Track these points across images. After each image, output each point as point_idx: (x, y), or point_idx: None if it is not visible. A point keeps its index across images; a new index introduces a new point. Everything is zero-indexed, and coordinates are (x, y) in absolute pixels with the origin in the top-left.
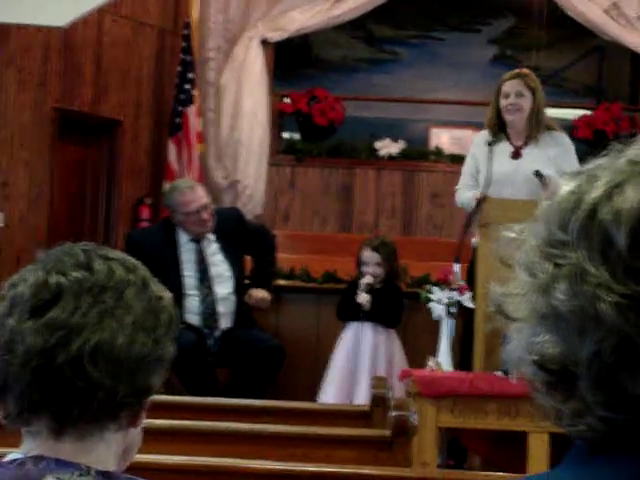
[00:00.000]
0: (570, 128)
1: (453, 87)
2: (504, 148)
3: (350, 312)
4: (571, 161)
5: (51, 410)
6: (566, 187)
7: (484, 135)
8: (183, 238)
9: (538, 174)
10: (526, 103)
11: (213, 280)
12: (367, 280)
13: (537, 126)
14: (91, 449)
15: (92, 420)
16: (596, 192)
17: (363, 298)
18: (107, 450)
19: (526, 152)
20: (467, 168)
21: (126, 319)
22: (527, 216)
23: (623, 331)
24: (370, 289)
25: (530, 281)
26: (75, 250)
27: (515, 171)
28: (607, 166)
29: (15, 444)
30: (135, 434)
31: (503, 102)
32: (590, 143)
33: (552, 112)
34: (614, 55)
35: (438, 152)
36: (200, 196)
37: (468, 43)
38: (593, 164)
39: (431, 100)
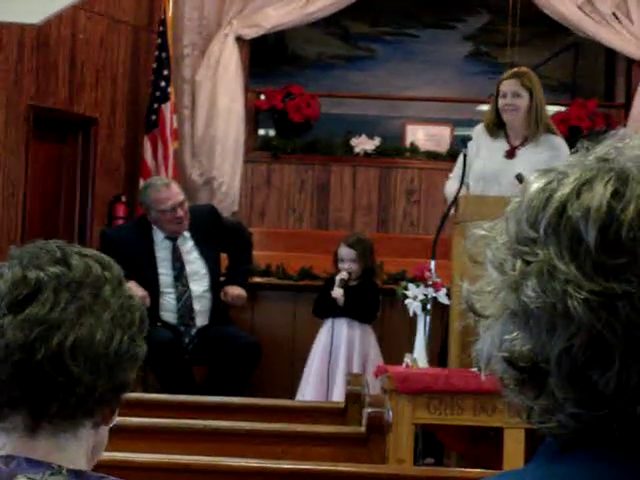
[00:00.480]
0: None
1: (428, 84)
2: (500, 146)
3: (326, 308)
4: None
5: (30, 405)
6: (535, 184)
7: (476, 130)
8: (158, 236)
9: (519, 177)
10: (523, 103)
11: (189, 278)
12: (341, 276)
13: (536, 126)
14: (64, 447)
15: (69, 416)
16: (565, 189)
17: (337, 293)
18: (80, 448)
19: (521, 152)
20: (458, 161)
21: (104, 316)
22: (502, 213)
23: (593, 328)
24: (346, 285)
25: (500, 278)
26: (50, 246)
27: (504, 170)
28: (576, 163)
29: None
30: (104, 432)
31: (501, 102)
32: (565, 139)
33: None
34: (589, 52)
35: (414, 149)
36: (175, 193)
37: (443, 40)
38: (562, 162)
39: (406, 97)
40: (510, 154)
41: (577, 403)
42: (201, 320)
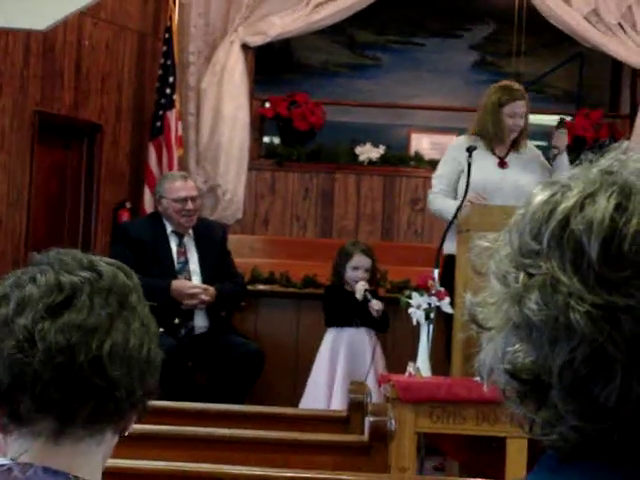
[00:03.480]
0: (550, 134)
1: (434, 93)
2: (487, 158)
3: (345, 318)
4: (546, 165)
5: (61, 410)
6: (539, 197)
7: (465, 140)
8: (168, 229)
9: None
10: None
11: (191, 273)
12: (363, 286)
13: (524, 139)
14: (87, 452)
15: (98, 421)
16: (568, 202)
17: (378, 304)
18: (99, 454)
19: (510, 161)
20: (445, 172)
21: (133, 323)
22: (506, 222)
23: (595, 340)
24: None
25: (503, 290)
26: (74, 253)
27: (503, 180)
28: (579, 176)
29: None
30: (114, 440)
31: (510, 121)
32: (569, 149)
33: (533, 118)
34: (594, 62)
35: (418, 157)
36: (190, 187)
37: (449, 49)
38: (566, 174)
39: (412, 105)
40: (502, 164)
41: (579, 416)
42: (199, 320)
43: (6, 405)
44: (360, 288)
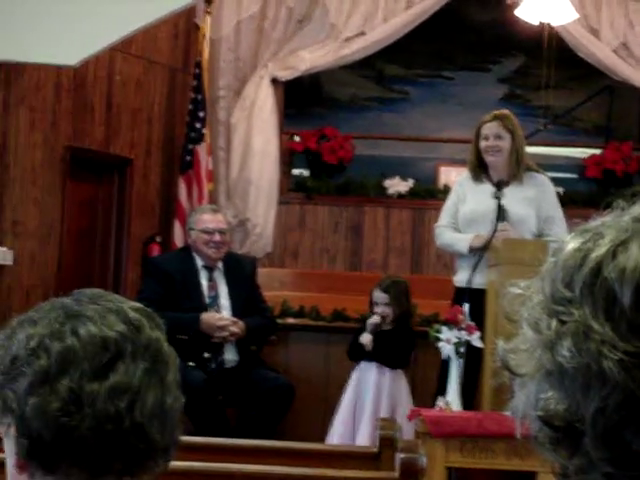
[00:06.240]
0: (579, 167)
1: (462, 126)
2: (486, 189)
3: (357, 352)
4: (550, 202)
5: (98, 465)
6: (571, 244)
7: (466, 174)
8: (198, 263)
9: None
10: (505, 144)
11: (221, 307)
12: (373, 320)
13: (517, 166)
14: None
15: (131, 474)
16: (601, 250)
17: (366, 339)
18: None
19: (507, 191)
20: (449, 206)
21: (167, 377)
22: (535, 257)
23: (628, 388)
24: (378, 329)
25: (535, 337)
26: (109, 298)
27: (495, 210)
28: (611, 224)
29: None
30: None
31: (483, 144)
32: (599, 182)
33: (561, 151)
34: (624, 95)
35: (447, 190)
36: (220, 220)
37: (477, 82)
38: (598, 221)
39: (440, 139)
40: (497, 195)
41: (611, 463)
42: (229, 354)
43: (39, 458)
44: (368, 323)
